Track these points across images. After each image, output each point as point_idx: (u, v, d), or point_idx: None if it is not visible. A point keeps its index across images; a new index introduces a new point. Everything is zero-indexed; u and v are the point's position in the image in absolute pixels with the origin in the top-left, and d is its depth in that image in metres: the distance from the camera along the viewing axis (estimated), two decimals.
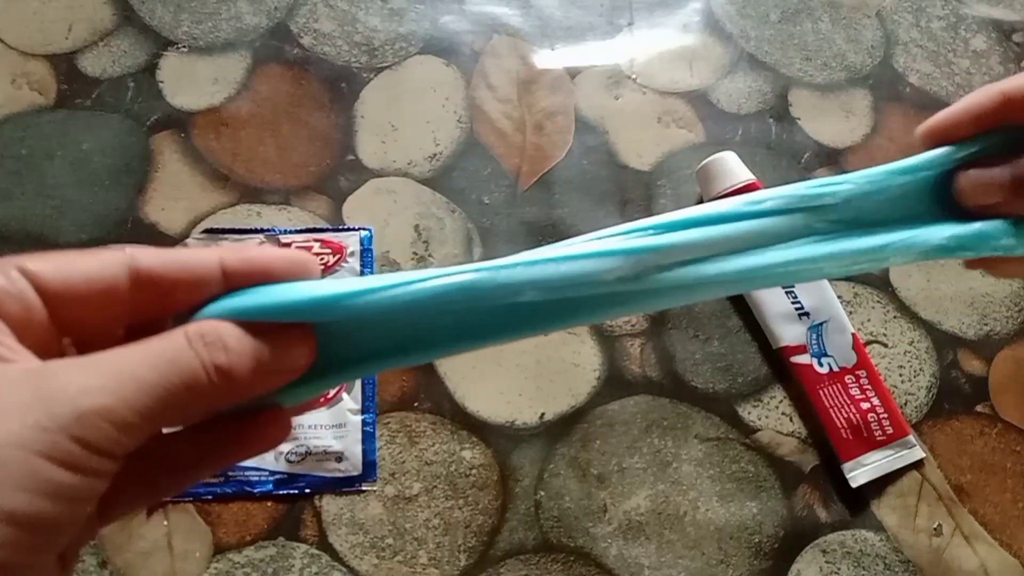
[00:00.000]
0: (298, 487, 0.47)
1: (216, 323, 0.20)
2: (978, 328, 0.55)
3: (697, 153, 0.57)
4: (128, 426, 0.18)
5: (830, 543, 0.49)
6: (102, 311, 0.20)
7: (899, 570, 0.49)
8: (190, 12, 0.59)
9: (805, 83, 0.62)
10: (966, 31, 0.65)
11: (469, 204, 0.55)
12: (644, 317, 0.53)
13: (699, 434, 0.51)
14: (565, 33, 0.61)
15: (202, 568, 0.46)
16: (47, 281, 0.20)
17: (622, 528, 0.48)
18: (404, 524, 0.47)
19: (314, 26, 0.59)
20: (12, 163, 0.53)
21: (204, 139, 0.55)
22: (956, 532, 0.50)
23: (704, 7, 0.64)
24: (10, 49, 0.56)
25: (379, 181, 0.55)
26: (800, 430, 0.52)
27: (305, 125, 0.56)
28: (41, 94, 0.55)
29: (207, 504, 0.47)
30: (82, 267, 0.20)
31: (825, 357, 0.52)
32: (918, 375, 0.54)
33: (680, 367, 0.52)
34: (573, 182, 0.56)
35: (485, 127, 0.58)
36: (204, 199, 0.53)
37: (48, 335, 0.20)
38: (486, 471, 0.49)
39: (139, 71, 0.56)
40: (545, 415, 0.51)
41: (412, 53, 0.59)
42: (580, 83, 0.60)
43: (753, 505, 0.50)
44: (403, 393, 0.50)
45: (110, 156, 0.54)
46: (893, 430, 0.50)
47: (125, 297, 0.20)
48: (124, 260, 0.20)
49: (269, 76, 0.57)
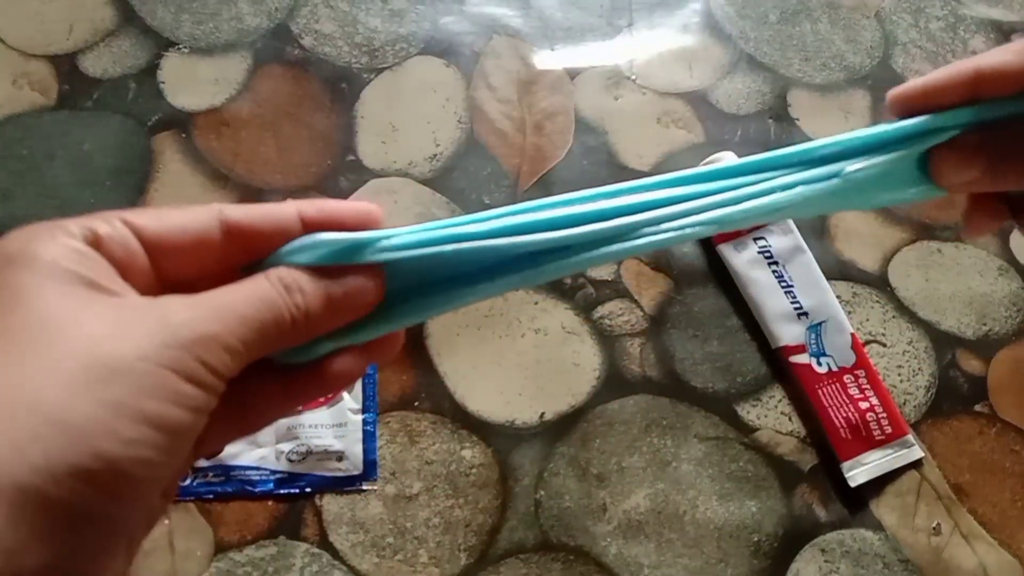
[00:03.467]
0: (299, 486, 0.48)
1: (291, 269, 0.22)
2: (977, 328, 0.55)
3: (697, 153, 0.57)
4: (234, 352, 0.20)
5: (829, 542, 0.49)
6: (197, 259, 0.22)
7: (898, 569, 0.49)
8: (191, 13, 0.59)
9: (804, 84, 0.62)
10: (965, 32, 0.65)
11: (469, 204, 0.55)
12: (644, 317, 0.53)
13: (698, 433, 0.51)
14: (565, 34, 0.62)
15: (203, 567, 0.46)
16: (147, 230, 0.21)
17: (622, 527, 0.49)
18: (405, 523, 0.48)
19: (315, 27, 0.59)
20: (13, 163, 0.53)
21: (205, 139, 0.55)
22: (955, 531, 0.50)
23: (703, 8, 0.64)
24: (11, 49, 0.56)
25: (379, 181, 0.55)
26: (799, 429, 0.52)
27: (306, 125, 0.56)
28: (42, 94, 0.55)
29: (208, 503, 0.47)
30: (178, 218, 0.22)
31: (824, 357, 0.52)
32: (917, 375, 0.54)
33: (680, 367, 0.53)
34: (573, 182, 0.56)
35: (485, 127, 0.58)
36: (205, 199, 0.53)
37: (150, 280, 0.22)
38: (486, 470, 0.49)
39: (140, 72, 0.57)
40: (545, 415, 0.51)
41: (412, 54, 0.59)
42: (580, 84, 0.60)
43: (752, 504, 0.50)
44: (403, 393, 0.50)
45: (111, 156, 0.54)
46: (892, 429, 0.50)
47: (216, 246, 0.22)
48: (214, 212, 0.22)
49: (270, 77, 0.58)
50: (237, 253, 0.23)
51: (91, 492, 0.17)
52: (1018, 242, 0.58)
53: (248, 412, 0.23)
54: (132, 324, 0.19)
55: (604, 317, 0.53)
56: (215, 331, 0.20)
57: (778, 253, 0.54)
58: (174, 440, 0.19)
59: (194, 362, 0.19)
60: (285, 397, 0.24)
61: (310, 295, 0.22)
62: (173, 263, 0.22)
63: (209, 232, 0.22)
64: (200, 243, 0.22)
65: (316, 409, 0.49)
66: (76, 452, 0.17)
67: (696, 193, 0.26)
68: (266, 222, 0.23)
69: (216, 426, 0.21)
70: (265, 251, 0.23)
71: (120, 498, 0.18)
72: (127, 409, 0.18)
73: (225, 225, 0.22)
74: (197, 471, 0.47)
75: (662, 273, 0.55)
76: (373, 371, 0.50)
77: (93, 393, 0.18)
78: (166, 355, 0.19)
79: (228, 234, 0.22)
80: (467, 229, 0.24)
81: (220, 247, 0.22)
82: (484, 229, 0.24)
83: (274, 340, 0.22)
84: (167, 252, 0.22)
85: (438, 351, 0.51)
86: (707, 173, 0.27)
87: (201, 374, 0.19)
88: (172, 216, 0.22)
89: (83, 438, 0.17)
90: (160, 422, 0.18)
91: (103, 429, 0.18)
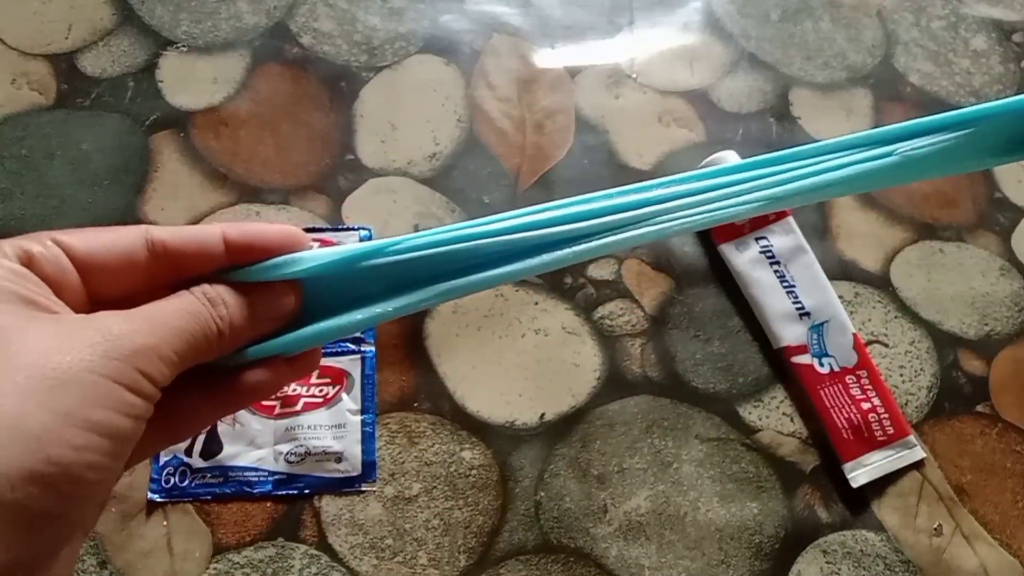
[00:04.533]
0: (297, 487, 0.47)
1: (214, 284, 0.24)
2: (979, 328, 0.55)
3: (698, 152, 0.57)
4: (169, 362, 0.22)
5: (831, 543, 0.49)
6: (125, 278, 0.24)
7: (899, 570, 0.49)
8: (189, 12, 0.59)
9: (806, 82, 0.61)
10: (966, 31, 0.65)
11: (469, 204, 0.55)
12: (645, 317, 0.53)
13: (700, 434, 0.51)
14: (565, 32, 0.61)
15: (201, 568, 0.46)
16: (76, 250, 0.23)
17: (622, 529, 0.48)
18: (404, 525, 0.47)
19: (313, 25, 0.59)
20: (12, 163, 0.53)
21: (203, 139, 0.55)
22: (956, 532, 0.50)
23: (705, 6, 0.63)
24: (10, 49, 0.56)
25: (379, 181, 0.55)
26: (801, 430, 0.52)
27: (304, 124, 0.56)
28: (41, 94, 0.55)
29: (206, 504, 0.47)
30: (106, 239, 0.23)
31: (826, 357, 0.51)
32: (919, 375, 0.54)
33: (681, 367, 0.52)
34: (573, 181, 0.56)
35: (485, 126, 0.58)
36: (203, 199, 0.53)
37: (81, 298, 0.23)
38: (486, 471, 0.49)
39: (139, 71, 0.56)
40: (545, 415, 0.50)
41: (412, 52, 0.59)
42: (580, 82, 0.60)
43: (754, 505, 0.50)
44: (403, 393, 0.50)
45: (109, 156, 0.54)
46: (894, 430, 0.50)
47: (143, 266, 0.24)
48: (141, 232, 0.24)
49: (268, 75, 0.57)
50: (163, 273, 0.24)
51: (46, 495, 0.19)
52: (1020, 242, 0.58)
53: (176, 422, 0.24)
54: (74, 338, 0.20)
55: (605, 317, 0.53)
56: (151, 343, 0.21)
57: (780, 253, 0.53)
58: (119, 445, 0.20)
59: (134, 372, 0.21)
60: (210, 407, 0.25)
61: (233, 307, 0.24)
62: (103, 282, 0.23)
63: (136, 252, 0.23)
64: (128, 262, 0.23)
65: (315, 410, 0.48)
66: (31, 458, 0.18)
67: (741, 179, 0.28)
68: (190, 243, 0.24)
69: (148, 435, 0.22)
70: (189, 271, 0.24)
71: (72, 499, 0.20)
72: (76, 418, 0.19)
73: (151, 245, 0.24)
74: (195, 472, 0.47)
75: (663, 273, 0.55)
76: (372, 372, 0.50)
77: (44, 403, 0.19)
78: (109, 366, 0.20)
79: (154, 254, 0.24)
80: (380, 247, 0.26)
81: (147, 267, 0.24)
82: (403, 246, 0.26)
83: (203, 350, 0.23)
84: (96, 271, 0.23)
85: (438, 351, 0.51)
86: (748, 164, 0.28)
87: (141, 383, 0.21)
88: (101, 236, 0.23)
89: (37, 445, 0.19)
90: (106, 429, 0.20)
91: (55, 436, 0.19)
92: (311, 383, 0.49)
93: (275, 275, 0.25)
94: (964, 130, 0.29)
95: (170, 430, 0.24)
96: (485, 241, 0.26)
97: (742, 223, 0.54)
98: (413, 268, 0.26)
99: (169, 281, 0.24)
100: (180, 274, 0.24)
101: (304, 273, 0.25)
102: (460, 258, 0.26)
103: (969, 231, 0.58)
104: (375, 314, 0.26)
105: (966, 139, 0.29)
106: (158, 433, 0.24)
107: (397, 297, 0.26)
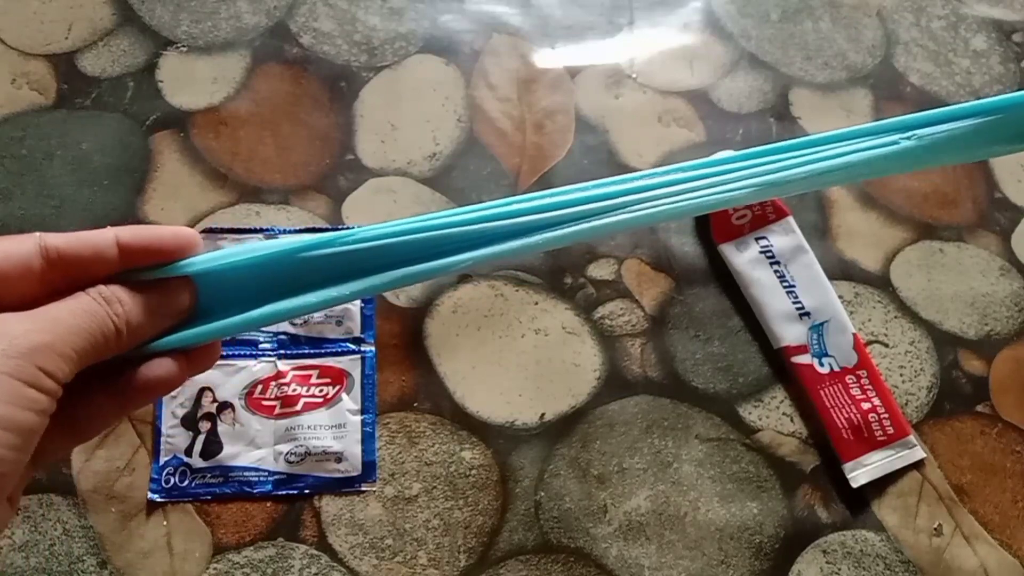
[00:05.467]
0: (297, 487, 0.47)
1: (108, 285, 0.25)
2: (978, 328, 0.55)
3: (698, 152, 0.57)
4: (68, 359, 0.23)
5: (831, 543, 0.49)
6: (21, 284, 0.24)
7: (899, 570, 0.49)
8: (189, 12, 0.59)
9: (806, 82, 0.61)
10: (966, 31, 0.65)
11: (469, 203, 0.55)
12: (645, 317, 0.53)
13: (700, 434, 0.51)
14: (565, 32, 0.61)
15: (201, 568, 0.46)
16: None
17: (622, 529, 0.48)
18: (404, 525, 0.47)
19: (313, 25, 0.59)
20: (12, 163, 0.53)
21: (203, 138, 0.55)
22: (956, 532, 0.50)
23: (704, 6, 0.63)
24: (10, 49, 0.56)
25: (378, 180, 0.55)
26: (801, 430, 0.52)
27: (304, 124, 0.56)
28: (41, 94, 0.55)
29: (206, 504, 0.47)
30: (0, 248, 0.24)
31: (826, 357, 0.51)
32: (919, 375, 0.54)
33: (681, 367, 0.52)
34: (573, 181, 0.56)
35: (485, 126, 0.58)
36: (203, 199, 0.53)
37: None
38: (486, 471, 0.49)
39: (138, 71, 0.56)
40: (545, 415, 0.50)
41: (412, 52, 0.59)
42: (580, 82, 0.60)
43: (754, 505, 0.50)
44: (403, 393, 0.50)
45: (109, 156, 0.54)
46: (894, 430, 0.50)
47: (38, 272, 0.24)
48: (35, 240, 0.24)
49: (268, 75, 0.57)
50: (59, 278, 0.24)
51: None
52: (1020, 242, 0.58)
53: (82, 420, 0.25)
54: None
55: (605, 317, 0.53)
56: (49, 340, 0.22)
57: (780, 253, 0.53)
58: (25, 440, 0.21)
59: (34, 369, 0.22)
60: (114, 404, 0.26)
61: (128, 304, 0.25)
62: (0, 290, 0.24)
63: (30, 259, 0.24)
64: (23, 269, 0.24)
65: (315, 410, 0.48)
66: None
67: (750, 164, 0.28)
68: (84, 247, 0.25)
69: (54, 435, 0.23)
70: (84, 274, 0.25)
71: None
72: None
73: (46, 252, 0.24)
74: (195, 472, 0.47)
75: (663, 273, 0.55)
76: (372, 372, 0.50)
77: None
78: (10, 364, 0.21)
79: (48, 260, 0.24)
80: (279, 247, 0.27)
81: (42, 273, 0.24)
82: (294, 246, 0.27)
83: (102, 347, 0.24)
84: None
85: (438, 352, 0.51)
86: (742, 155, 0.29)
87: (41, 379, 0.22)
88: None
89: None
90: (11, 424, 0.21)
91: None
92: (311, 383, 0.49)
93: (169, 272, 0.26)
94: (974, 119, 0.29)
95: (77, 428, 0.25)
96: (445, 232, 0.28)
97: (742, 223, 0.54)
98: (370, 256, 0.27)
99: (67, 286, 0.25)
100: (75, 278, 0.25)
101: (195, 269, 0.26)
102: (422, 247, 0.27)
103: (969, 231, 0.58)
104: (330, 297, 0.27)
105: (973, 128, 0.29)
106: (66, 432, 0.25)
107: (353, 282, 0.27)
